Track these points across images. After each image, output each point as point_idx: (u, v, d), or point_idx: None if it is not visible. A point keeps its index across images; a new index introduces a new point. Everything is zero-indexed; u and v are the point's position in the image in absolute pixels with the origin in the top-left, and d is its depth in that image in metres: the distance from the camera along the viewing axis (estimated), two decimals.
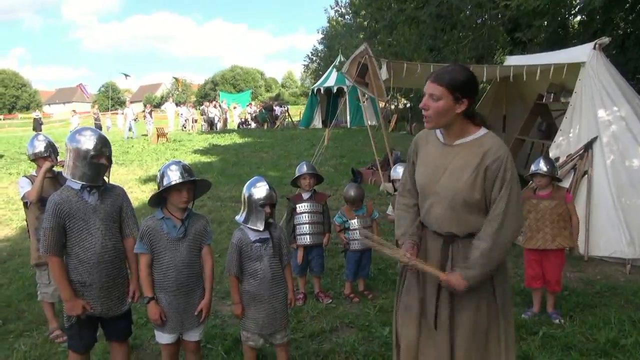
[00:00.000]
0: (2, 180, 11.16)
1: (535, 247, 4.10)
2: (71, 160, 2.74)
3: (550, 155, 6.05)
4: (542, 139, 7.99)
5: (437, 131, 2.32)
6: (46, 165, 3.77)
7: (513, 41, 13.00)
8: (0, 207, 8.79)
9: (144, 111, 24.11)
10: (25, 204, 3.95)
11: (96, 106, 30.92)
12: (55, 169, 3.93)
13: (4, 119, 50.15)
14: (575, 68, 6.31)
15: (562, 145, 6.21)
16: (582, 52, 6.45)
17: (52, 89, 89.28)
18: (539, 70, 6.68)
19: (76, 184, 2.75)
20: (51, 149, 3.88)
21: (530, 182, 4.47)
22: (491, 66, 8.15)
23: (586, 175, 5.74)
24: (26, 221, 4.10)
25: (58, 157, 3.93)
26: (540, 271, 4.12)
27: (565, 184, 5.66)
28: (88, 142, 2.73)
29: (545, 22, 11.81)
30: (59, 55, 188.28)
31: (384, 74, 7.61)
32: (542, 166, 4.10)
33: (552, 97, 7.59)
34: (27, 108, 60.05)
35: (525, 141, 8.69)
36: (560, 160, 5.97)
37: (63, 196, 2.72)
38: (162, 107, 25.43)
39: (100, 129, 19.91)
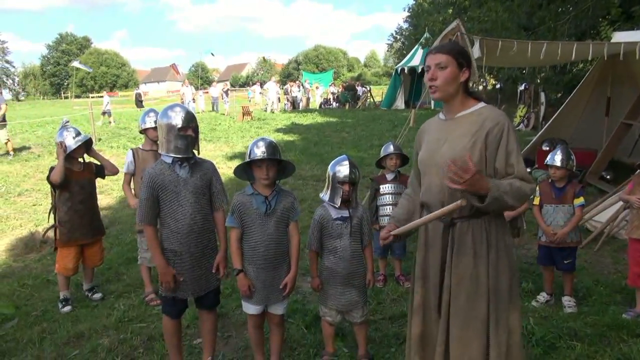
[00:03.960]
0: (104, 153, 12.06)
1: None
2: (163, 135, 2.89)
3: None
4: None
5: (439, 114, 2.40)
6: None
7: (627, 15, 11.69)
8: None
9: (224, 89, 24.78)
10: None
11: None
12: None
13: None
14: None
15: None
16: None
17: (147, 68, 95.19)
18: None
19: (168, 158, 2.89)
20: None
21: (638, 171, 4.05)
22: (597, 43, 7.43)
23: None
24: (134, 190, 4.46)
25: None
26: None
27: None
28: (176, 117, 2.87)
29: None
30: (155, 36, 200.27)
31: (476, 52, 7.18)
32: None
33: None
34: (125, 86, 64.47)
35: (633, 126, 7.89)
36: None
37: (157, 169, 2.88)
38: (265, 87, 25.69)
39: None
